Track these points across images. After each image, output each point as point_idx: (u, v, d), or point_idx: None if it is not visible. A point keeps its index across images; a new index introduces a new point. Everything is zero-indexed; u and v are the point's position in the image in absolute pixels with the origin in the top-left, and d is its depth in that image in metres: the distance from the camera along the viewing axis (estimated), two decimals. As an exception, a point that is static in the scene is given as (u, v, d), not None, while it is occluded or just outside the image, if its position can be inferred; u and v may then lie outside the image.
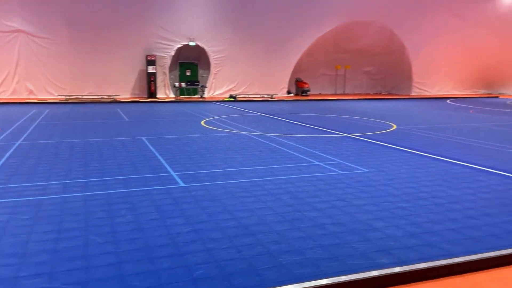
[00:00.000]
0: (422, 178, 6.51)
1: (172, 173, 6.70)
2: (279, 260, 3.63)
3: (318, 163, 7.55)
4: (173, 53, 25.06)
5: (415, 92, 30.32)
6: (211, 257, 3.68)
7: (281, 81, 27.55)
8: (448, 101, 25.36)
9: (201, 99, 24.47)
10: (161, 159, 7.73)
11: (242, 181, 6.21)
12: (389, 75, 31.79)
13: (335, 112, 17.67)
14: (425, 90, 30.61)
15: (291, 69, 27.64)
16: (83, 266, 3.50)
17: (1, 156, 7.94)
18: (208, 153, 8.35)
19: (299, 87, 28.47)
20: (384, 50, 30.41)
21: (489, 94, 31.85)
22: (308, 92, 28.27)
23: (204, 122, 13.62)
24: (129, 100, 22.72)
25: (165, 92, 25.47)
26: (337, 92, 31.48)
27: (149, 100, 23.14)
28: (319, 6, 26.28)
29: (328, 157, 8.09)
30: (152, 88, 24.47)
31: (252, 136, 10.62)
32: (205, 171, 6.86)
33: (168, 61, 25.10)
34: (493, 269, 3.55)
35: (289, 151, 8.66)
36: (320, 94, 30.37)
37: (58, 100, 21.89)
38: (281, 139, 10.15)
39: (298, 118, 15.18)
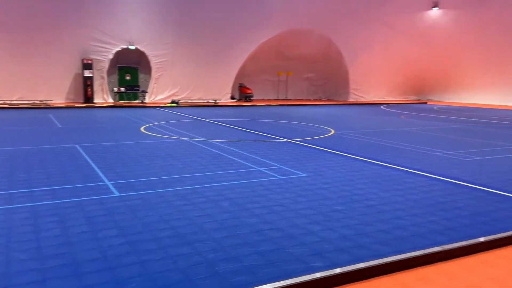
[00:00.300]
0: (356, 181, 6.78)
1: (107, 182, 6.42)
2: (216, 269, 3.59)
3: (258, 168, 7.60)
4: (111, 56, 24.17)
5: (352, 98, 31.67)
6: (144, 269, 3.55)
7: (224, 86, 27.55)
8: (382, 107, 26.76)
9: (141, 104, 23.80)
10: (95, 168, 7.39)
11: (181, 189, 6.10)
12: (329, 81, 32.97)
13: (277, 117, 17.96)
14: (361, 96, 32.09)
15: (235, 74, 27.75)
16: (2, 285, 3.23)
17: None
18: (147, 161, 8.12)
19: (242, 93, 28.64)
20: (323, 58, 31.49)
21: (419, 100, 34.05)
22: (251, 98, 28.51)
23: (144, 128, 13.25)
24: (63, 105, 21.55)
25: (103, 97, 24.47)
26: (280, 98, 32.07)
27: (85, 105, 22.10)
28: (261, 13, 26.66)
29: (269, 162, 8.18)
30: (89, 92, 23.41)
31: (193, 142, 10.49)
32: (142, 179, 6.65)
33: (106, 65, 24.16)
34: (417, 267, 3.75)
35: (230, 157, 8.65)
36: (263, 99, 30.75)
37: (-17, 105, 20.25)
38: (223, 145, 10.12)
39: (241, 123, 15.24)
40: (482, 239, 4.23)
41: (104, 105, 22.58)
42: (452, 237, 4.37)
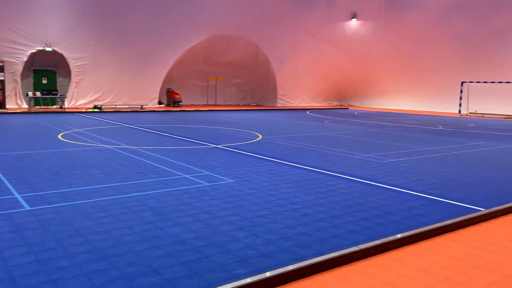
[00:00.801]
0: (281, 185, 6.93)
1: (16, 195, 5.90)
2: (134, 284, 3.43)
3: (185, 175, 7.47)
4: (25, 58, 22.43)
5: (280, 104, 32.52)
6: (55, 289, 3.29)
7: (151, 91, 26.81)
8: (307, 112, 27.79)
9: (60, 110, 22.33)
10: (4, 179, 6.75)
11: (100, 200, 5.78)
12: (257, 87, 33.56)
13: (206, 123, 17.84)
14: (289, 102, 33.09)
15: (162, 79, 27.13)
16: None
17: None
18: (63, 170, 7.60)
19: (170, 98, 28.09)
20: (251, 64, 32.00)
21: (341, 105, 35.91)
22: (180, 103, 28.07)
23: (62, 136, 12.42)
24: (-31, 111, 19.54)
25: (16, 102, 22.61)
26: (209, 103, 31.96)
27: (-5, 110, 20.24)
28: (188, 17, 26.40)
29: (196, 169, 8.07)
30: (0, 97, 21.48)
31: (116, 150, 10.03)
32: (57, 191, 6.20)
33: (19, 68, 22.36)
34: (336, 268, 3.91)
35: (155, 164, 8.40)
36: (192, 104, 30.43)
37: None
38: (148, 152, 9.80)
39: (168, 129, 14.91)
40: (393, 237, 4.52)
41: (18, 111, 20.86)
42: (368, 237, 4.62)
